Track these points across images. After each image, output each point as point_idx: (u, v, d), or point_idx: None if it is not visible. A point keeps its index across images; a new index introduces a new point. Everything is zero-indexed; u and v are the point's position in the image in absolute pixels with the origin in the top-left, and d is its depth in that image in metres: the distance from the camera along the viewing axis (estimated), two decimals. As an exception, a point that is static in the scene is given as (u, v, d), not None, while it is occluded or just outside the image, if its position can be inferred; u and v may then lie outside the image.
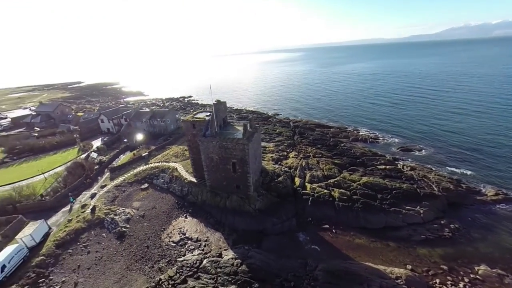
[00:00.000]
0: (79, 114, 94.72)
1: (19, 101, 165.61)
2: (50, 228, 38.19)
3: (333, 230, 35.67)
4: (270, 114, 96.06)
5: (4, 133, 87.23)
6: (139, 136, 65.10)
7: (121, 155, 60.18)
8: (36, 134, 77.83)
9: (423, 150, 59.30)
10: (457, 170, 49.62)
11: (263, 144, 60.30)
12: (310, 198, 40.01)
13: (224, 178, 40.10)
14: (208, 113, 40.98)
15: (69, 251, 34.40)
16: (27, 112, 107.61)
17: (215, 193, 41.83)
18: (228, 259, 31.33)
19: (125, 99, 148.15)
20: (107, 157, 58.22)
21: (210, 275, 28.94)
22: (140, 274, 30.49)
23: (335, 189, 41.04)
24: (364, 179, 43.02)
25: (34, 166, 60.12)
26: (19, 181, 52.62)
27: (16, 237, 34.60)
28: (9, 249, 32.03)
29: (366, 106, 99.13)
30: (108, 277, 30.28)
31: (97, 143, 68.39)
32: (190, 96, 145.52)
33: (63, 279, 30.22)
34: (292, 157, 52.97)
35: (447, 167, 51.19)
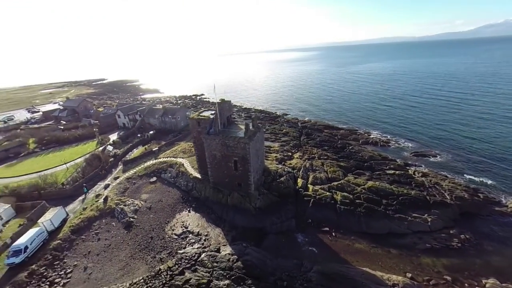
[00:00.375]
0: (99, 109, 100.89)
1: (50, 96, 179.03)
2: (67, 215, 41.37)
3: (333, 233, 35.07)
4: (278, 113, 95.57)
5: (36, 126, 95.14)
6: (151, 132, 68.03)
7: (134, 149, 63.47)
8: (62, 127, 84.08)
9: (439, 156, 56.02)
10: (475, 179, 46.45)
11: (268, 143, 60.52)
12: (312, 200, 39.60)
13: (226, 175, 40.86)
14: (213, 112, 41.85)
15: (82, 237, 37.10)
16: (56, 106, 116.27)
17: (217, 189, 42.77)
18: (225, 254, 32.05)
19: (142, 96, 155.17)
20: (122, 150, 61.62)
21: (206, 269, 29.84)
22: (143, 263, 32.17)
23: (338, 192, 40.21)
24: (370, 183, 41.67)
25: (59, 156, 65.20)
26: (45, 170, 57.22)
27: (38, 221, 37.93)
28: (31, 231, 35.24)
29: (381, 108, 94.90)
30: (114, 264, 32.30)
31: (113, 137, 72.55)
32: (202, 94, 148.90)
33: (75, 263, 32.69)
34: (297, 157, 52.53)
35: (464, 175, 48.07)
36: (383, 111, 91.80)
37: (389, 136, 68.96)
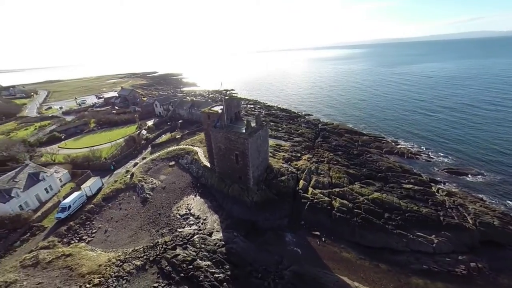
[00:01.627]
0: (144, 99, 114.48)
1: (113, 85, 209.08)
2: (102, 184, 49.62)
3: (323, 238, 34.02)
4: (300, 113, 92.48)
5: (98, 109, 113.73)
6: (180, 121, 74.56)
7: (162, 135, 71.01)
8: (114, 112, 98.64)
9: (481, 177, 47.40)
10: (523, 207, 38.04)
11: (279, 142, 60.14)
12: (308, 203, 38.65)
13: (229, 167, 42.86)
14: (222, 107, 43.75)
15: (109, 204, 44.31)
16: (114, 94, 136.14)
17: (222, 179, 45.21)
18: (215, 239, 34.49)
19: (182, 89, 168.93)
20: (153, 135, 69.66)
21: (194, 249, 32.73)
22: (147, 235, 36.98)
23: (337, 198, 38.24)
24: (376, 194, 38.29)
25: (108, 135, 77.33)
26: (96, 145, 68.81)
27: (81, 186, 46.65)
28: (75, 194, 43.69)
29: (421, 118, 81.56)
30: (126, 231, 37.97)
31: (150, 123, 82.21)
32: (232, 90, 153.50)
33: (100, 226, 39.53)
34: (305, 159, 51.04)
35: (508, 202, 39.88)
36: (423, 121, 78.73)
37: (421, 149, 60.74)
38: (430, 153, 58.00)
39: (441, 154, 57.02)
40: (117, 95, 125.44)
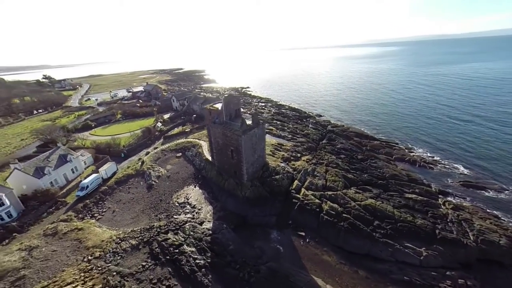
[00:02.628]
0: (164, 94, 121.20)
1: (143, 80, 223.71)
2: (117, 169, 54.61)
3: (307, 239, 33.76)
4: (311, 114, 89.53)
5: (125, 102, 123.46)
6: (194, 116, 77.96)
7: (175, 128, 75.05)
8: (138, 105, 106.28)
9: (504, 193, 41.90)
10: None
11: (281, 141, 59.75)
12: (298, 203, 38.34)
13: (226, 162, 44.22)
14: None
15: (120, 187, 48.80)
16: (140, 89, 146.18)
17: (220, 173, 46.84)
18: (204, 228, 36.27)
19: (201, 85, 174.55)
20: (167, 128, 74.00)
21: (184, 235, 34.85)
22: (147, 218, 40.21)
23: (328, 202, 37.30)
24: (369, 201, 36.53)
25: (130, 126, 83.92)
26: (117, 134, 75.35)
27: (99, 169, 51.93)
28: (93, 176, 48.98)
29: (446, 125, 72.84)
30: (130, 213, 41.68)
31: (166, 116, 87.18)
32: (248, 87, 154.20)
33: (109, 206, 43.92)
34: (304, 160, 50.14)
35: None
36: (448, 130, 69.73)
37: (439, 158, 55.38)
38: (447, 164, 52.57)
39: (461, 167, 51.15)
40: (143, 89, 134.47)
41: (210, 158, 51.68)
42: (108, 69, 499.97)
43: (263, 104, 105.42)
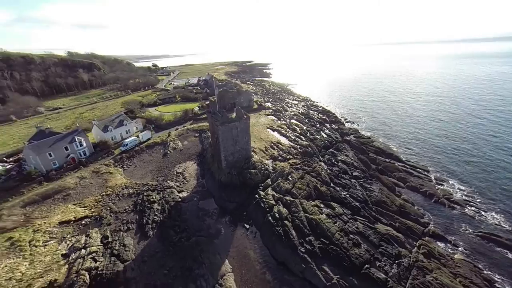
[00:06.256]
0: (219, 83, 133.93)
1: (215, 70, 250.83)
2: (151, 136, 67.86)
3: (247, 233, 34.41)
4: (340, 120, 78.50)
5: (190, 87, 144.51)
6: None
7: (205, 113, 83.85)
8: (194, 91, 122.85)
9: None
10: None
11: (283, 140, 57.38)
12: (257, 199, 38.35)
13: (214, 147, 47.81)
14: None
15: (146, 150, 61.26)
16: (204, 78, 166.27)
17: (213, 156, 51.16)
18: (178, 195, 42.17)
19: (255, 78, 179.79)
20: (200, 112, 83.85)
21: (161, 196, 41.58)
22: (150, 176, 49.84)
23: (280, 206, 35.49)
24: (319, 216, 32.81)
25: (181, 106, 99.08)
26: (169, 112, 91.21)
27: (138, 134, 66.25)
28: (133, 137, 63.52)
29: None
30: (142, 171, 52.52)
31: (207, 102, 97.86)
32: (295, 84, 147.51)
33: (135, 162, 56.45)
34: (289, 162, 47.25)
35: None
36: None
37: (473, 199, 40.62)
38: (481, 210, 37.94)
39: (499, 218, 35.91)
40: (204, 78, 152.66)
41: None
42: (198, 59, 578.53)
43: (296, 102, 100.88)
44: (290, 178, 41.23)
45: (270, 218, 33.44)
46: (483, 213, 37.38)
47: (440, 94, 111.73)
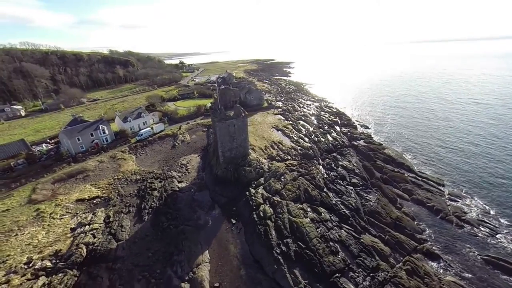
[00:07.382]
0: (234, 81, 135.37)
1: (235, 68, 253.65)
2: (164, 129, 71.82)
3: (232, 228, 34.82)
4: (353, 124, 73.49)
5: (209, 84, 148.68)
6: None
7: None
8: (211, 88, 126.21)
9: None
10: None
11: (285, 141, 56.26)
12: (247, 197, 38.55)
13: (214, 142, 48.95)
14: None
15: (158, 141, 65.16)
16: (223, 75, 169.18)
17: (214, 150, 52.47)
18: (176, 185, 44.36)
19: (274, 76, 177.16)
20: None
21: (162, 184, 44.15)
22: (157, 165, 53.16)
23: (267, 205, 35.14)
24: (302, 220, 31.80)
25: (197, 102, 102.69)
26: (184, 107, 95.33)
27: (153, 125, 70.57)
28: (148, 129, 67.99)
29: None
30: (151, 159, 56.15)
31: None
32: (306, 83, 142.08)
33: (147, 151, 60.53)
34: (286, 163, 46.24)
35: None
36: None
37: (491, 220, 35.53)
38: (496, 232, 33.09)
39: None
40: (222, 76, 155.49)
41: (215, 138, 57.88)
42: (223, 57, 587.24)
43: (309, 103, 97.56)
44: (282, 179, 40.54)
45: (255, 216, 33.52)
46: (498, 236, 32.60)
47: (480, 102, 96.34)
